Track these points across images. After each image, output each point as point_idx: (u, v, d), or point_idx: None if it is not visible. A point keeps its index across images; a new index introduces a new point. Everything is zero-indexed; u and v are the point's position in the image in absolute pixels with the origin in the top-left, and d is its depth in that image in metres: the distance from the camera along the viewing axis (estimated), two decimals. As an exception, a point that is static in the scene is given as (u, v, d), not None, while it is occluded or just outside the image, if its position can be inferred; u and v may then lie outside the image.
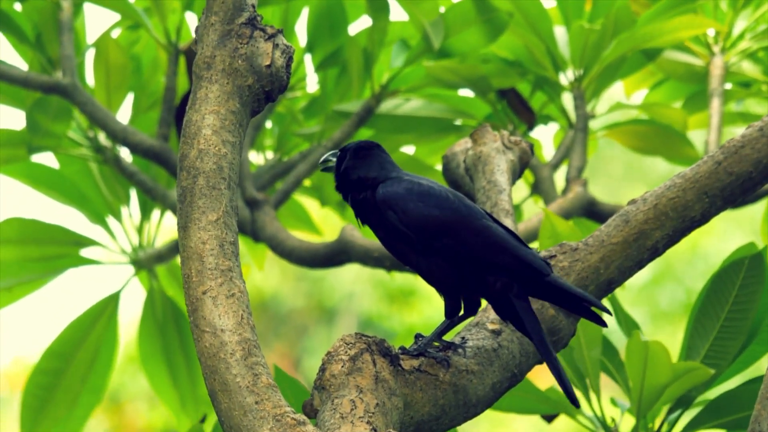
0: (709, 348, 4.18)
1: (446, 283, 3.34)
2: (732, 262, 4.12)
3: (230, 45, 3.33)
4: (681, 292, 12.21)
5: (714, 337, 4.17)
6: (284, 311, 13.45)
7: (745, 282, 4.12)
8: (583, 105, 5.39)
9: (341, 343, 3.27)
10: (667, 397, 4.12)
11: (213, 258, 3.18)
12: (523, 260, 3.32)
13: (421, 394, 3.31)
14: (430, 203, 3.34)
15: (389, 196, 3.35)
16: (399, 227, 3.33)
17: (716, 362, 4.18)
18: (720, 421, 4.20)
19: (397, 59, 5.51)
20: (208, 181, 3.24)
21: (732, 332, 4.16)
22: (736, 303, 4.14)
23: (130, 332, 9.82)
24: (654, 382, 4.07)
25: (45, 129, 5.49)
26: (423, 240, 3.32)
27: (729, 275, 4.13)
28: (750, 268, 4.11)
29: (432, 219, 3.32)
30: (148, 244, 5.85)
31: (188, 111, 3.28)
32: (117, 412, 12.15)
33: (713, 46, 5.52)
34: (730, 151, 3.58)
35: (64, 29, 5.41)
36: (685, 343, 4.21)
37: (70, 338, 5.65)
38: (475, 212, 3.35)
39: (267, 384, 3.10)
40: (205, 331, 3.13)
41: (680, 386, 4.07)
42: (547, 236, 4.09)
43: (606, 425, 4.33)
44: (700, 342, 4.18)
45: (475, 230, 3.33)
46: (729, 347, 4.16)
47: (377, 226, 3.37)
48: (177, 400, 5.75)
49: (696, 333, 4.18)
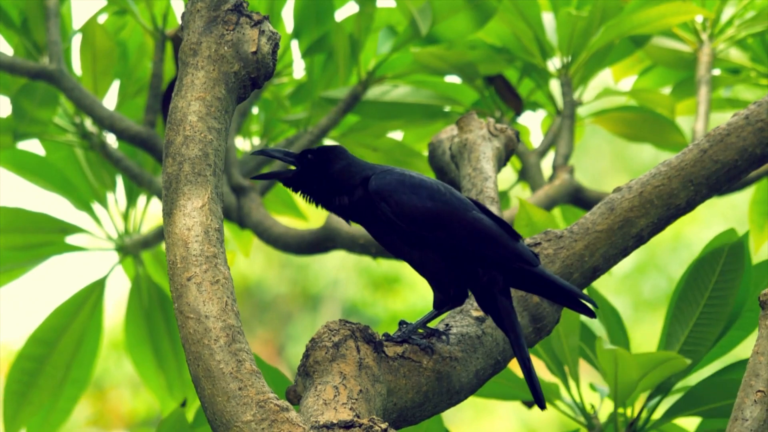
0: (688, 334, 4.20)
1: (438, 274, 3.35)
2: (712, 250, 4.14)
3: (216, 31, 3.32)
4: (664, 280, 12.24)
5: (694, 324, 4.19)
6: (269, 298, 13.45)
7: (725, 269, 4.13)
8: (570, 92, 5.39)
9: (325, 329, 3.27)
10: (646, 384, 4.13)
11: (198, 244, 3.18)
12: (512, 252, 3.32)
13: (405, 380, 3.32)
14: (422, 195, 3.34)
15: (382, 189, 3.35)
16: (393, 219, 3.33)
17: (696, 348, 4.19)
18: (699, 410, 4.21)
19: (384, 45, 5.50)
20: (193, 167, 3.23)
21: (711, 318, 4.17)
22: (716, 290, 4.15)
23: (115, 319, 9.80)
24: (627, 379, 4.08)
25: (31, 115, 5.47)
26: (416, 232, 3.32)
27: (709, 262, 4.14)
28: (730, 255, 4.12)
29: (425, 211, 3.33)
30: (134, 230, 5.84)
31: (174, 97, 3.27)
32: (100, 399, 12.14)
33: (701, 33, 5.52)
34: (716, 140, 3.59)
35: (51, 15, 5.38)
36: (665, 329, 4.22)
37: (54, 325, 5.64)
38: (465, 204, 3.36)
39: (250, 370, 3.10)
40: (189, 318, 3.13)
41: (657, 375, 4.09)
42: (522, 225, 4.10)
43: (585, 412, 4.34)
44: (680, 328, 4.19)
45: (467, 222, 3.34)
46: (708, 333, 4.18)
47: (370, 219, 3.37)
48: (163, 385, 5.75)
49: (676, 319, 4.19)
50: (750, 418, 3.27)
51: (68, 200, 5.81)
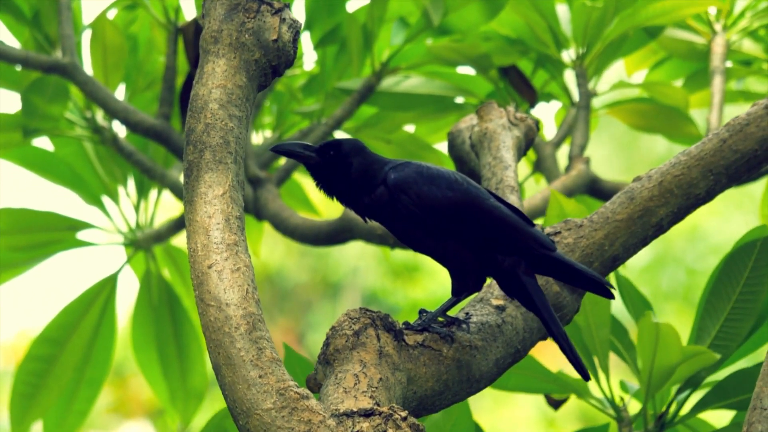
0: (719, 329, 4.19)
1: (459, 263, 3.35)
2: (744, 245, 4.13)
3: (237, 19, 3.32)
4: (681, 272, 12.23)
5: (725, 319, 4.18)
6: (289, 286, 13.45)
7: (757, 264, 4.13)
8: (585, 83, 5.39)
9: (345, 317, 3.28)
10: (677, 378, 4.13)
11: (219, 232, 3.18)
12: (531, 237, 3.33)
13: (425, 369, 3.32)
14: (441, 185, 3.36)
15: (402, 181, 3.36)
16: (414, 211, 3.33)
17: (726, 343, 4.19)
18: (727, 402, 4.21)
19: (397, 36, 5.50)
20: (214, 155, 3.23)
21: (742, 314, 4.16)
22: (747, 285, 4.15)
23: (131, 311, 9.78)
24: (664, 363, 4.08)
25: (41, 111, 5.46)
26: (436, 222, 3.33)
27: (741, 257, 4.13)
28: (762, 251, 4.12)
29: (446, 201, 3.34)
30: (145, 224, 5.84)
31: (195, 85, 3.28)
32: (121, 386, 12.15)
33: (715, 24, 5.52)
34: (735, 129, 3.59)
35: (63, 8, 5.38)
36: (696, 323, 4.22)
37: (64, 323, 5.61)
38: (483, 193, 3.38)
39: (271, 358, 3.10)
40: (210, 305, 3.13)
41: (689, 367, 4.08)
42: (554, 215, 4.10)
43: (615, 405, 4.34)
44: (711, 323, 4.19)
45: (486, 210, 3.35)
46: (739, 329, 4.17)
47: (389, 214, 3.37)
48: (167, 392, 5.73)
49: (707, 314, 4.19)
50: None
51: (78, 195, 5.80)
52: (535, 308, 3.35)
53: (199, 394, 5.73)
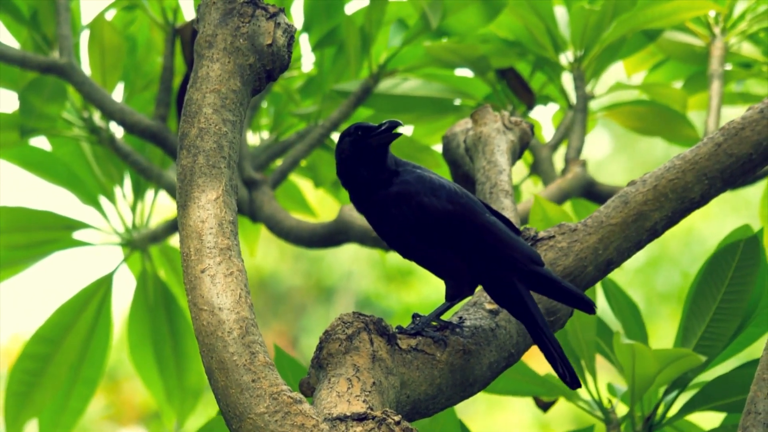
0: (705, 330, 4.19)
1: (454, 273, 3.35)
2: (727, 245, 4.13)
3: (232, 24, 3.32)
4: (677, 274, 12.24)
5: (710, 319, 4.18)
6: (282, 290, 13.46)
7: (741, 264, 4.12)
8: (582, 86, 5.39)
9: (339, 322, 3.27)
10: (661, 381, 4.13)
11: (212, 237, 3.18)
12: (524, 254, 3.33)
13: (418, 373, 3.31)
14: (442, 197, 3.36)
15: (405, 191, 3.36)
16: (413, 221, 3.33)
17: (712, 344, 4.18)
18: (715, 404, 4.21)
19: (395, 39, 5.50)
20: (208, 159, 3.23)
21: (728, 314, 4.16)
22: (732, 285, 4.15)
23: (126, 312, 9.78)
24: (645, 373, 4.08)
25: (39, 111, 5.46)
26: (435, 233, 3.33)
27: (725, 257, 4.13)
28: (745, 251, 4.11)
29: (445, 213, 3.34)
30: (142, 224, 5.84)
31: (189, 89, 3.27)
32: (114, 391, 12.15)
33: (714, 27, 5.51)
34: (730, 133, 3.58)
35: (61, 9, 5.38)
36: (682, 324, 4.22)
37: (59, 322, 5.61)
38: (479, 207, 3.39)
39: (264, 362, 3.09)
40: (202, 310, 3.13)
41: (674, 370, 4.08)
42: (537, 219, 4.11)
43: (602, 407, 4.34)
44: (697, 324, 4.19)
45: (482, 224, 3.36)
46: (725, 329, 4.17)
47: (385, 219, 3.36)
48: (163, 391, 5.73)
49: (692, 315, 4.19)
50: (763, 411, 3.28)
51: (75, 195, 5.80)
52: (526, 318, 3.34)
53: (196, 392, 5.73)
